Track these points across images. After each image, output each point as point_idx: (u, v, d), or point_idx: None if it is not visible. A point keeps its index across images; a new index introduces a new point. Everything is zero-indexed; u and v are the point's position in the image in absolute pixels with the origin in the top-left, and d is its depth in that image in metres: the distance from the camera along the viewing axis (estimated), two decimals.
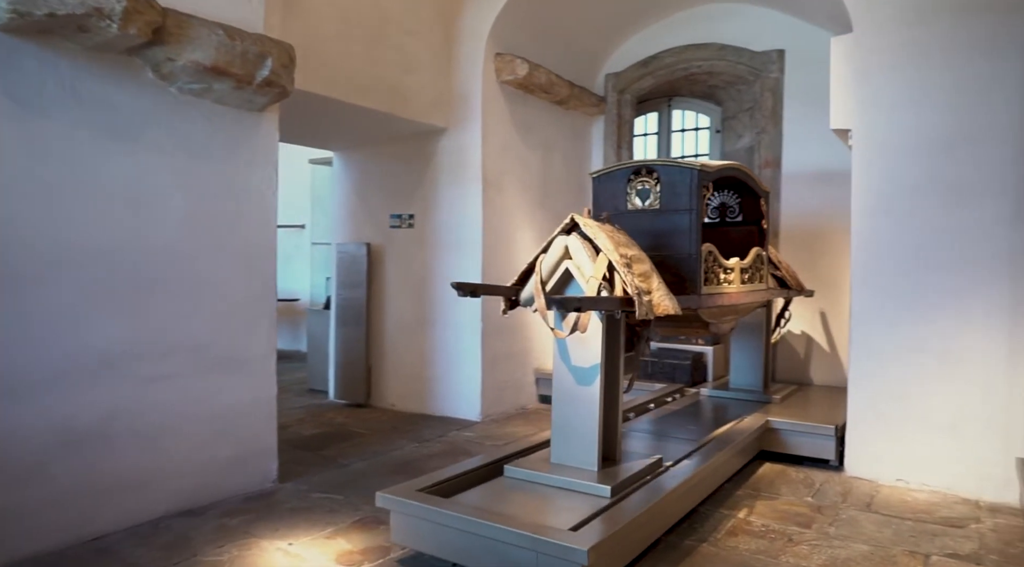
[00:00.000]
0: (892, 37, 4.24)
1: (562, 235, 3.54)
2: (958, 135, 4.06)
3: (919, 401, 4.23)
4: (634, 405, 5.20)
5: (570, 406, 3.57)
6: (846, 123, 4.42)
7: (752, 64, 6.56)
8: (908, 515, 3.83)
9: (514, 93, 6.22)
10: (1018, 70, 3.91)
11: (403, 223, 6.26)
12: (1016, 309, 3.95)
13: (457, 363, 6.00)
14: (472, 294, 3.48)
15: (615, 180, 4.27)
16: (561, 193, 6.95)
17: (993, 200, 3.98)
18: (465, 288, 3.43)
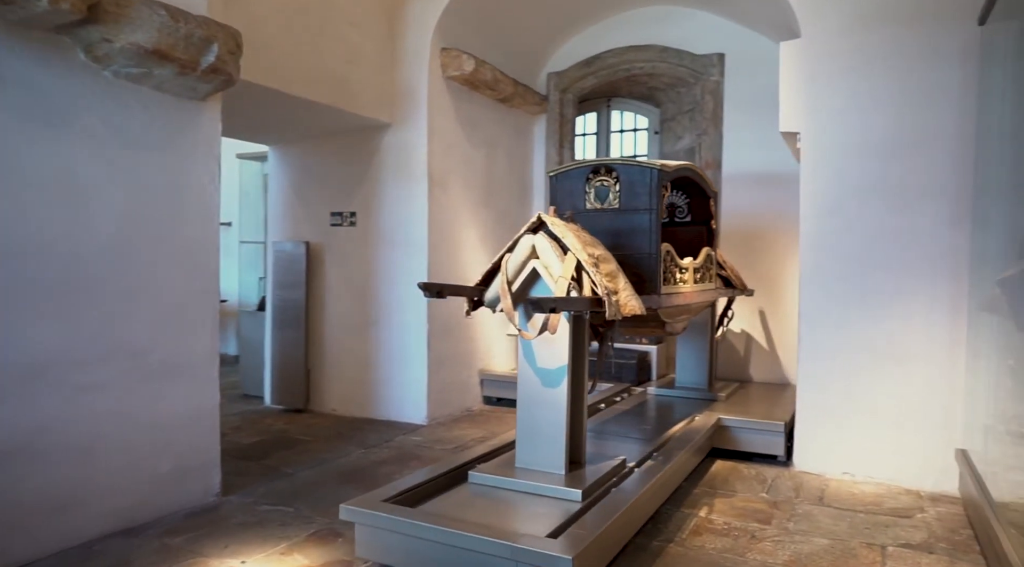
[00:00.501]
0: (839, 44, 4.37)
1: (528, 234, 3.46)
2: (902, 140, 4.22)
3: (865, 397, 4.38)
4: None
5: (536, 409, 3.50)
6: (795, 126, 4.53)
7: (693, 67, 6.67)
8: (859, 507, 3.95)
9: (459, 89, 6.09)
10: (956, 79, 4.10)
11: (344, 221, 6.03)
12: (955, 307, 4.14)
13: (402, 365, 5.83)
14: (438, 295, 3.35)
15: (573, 179, 4.22)
16: (504, 192, 6.88)
17: (934, 203, 4.16)
18: (432, 288, 3.30)
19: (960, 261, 4.10)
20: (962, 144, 4.08)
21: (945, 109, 4.11)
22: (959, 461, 4.00)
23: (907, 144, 4.21)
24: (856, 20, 4.32)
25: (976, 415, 4.00)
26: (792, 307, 6.23)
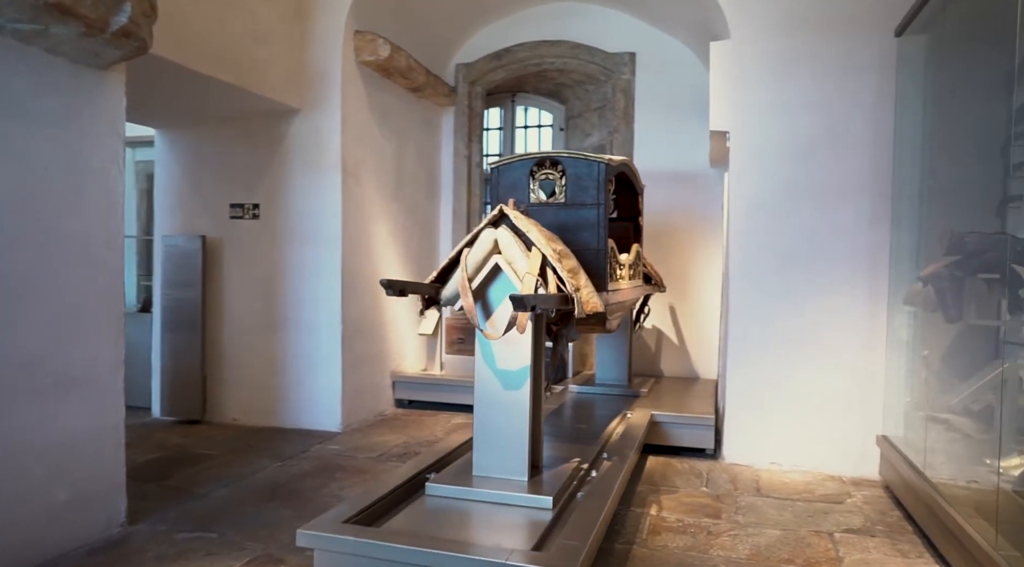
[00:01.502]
0: (767, 46, 4.51)
1: (489, 228, 3.26)
2: (826, 142, 4.42)
3: (790, 388, 4.55)
4: None
5: (495, 413, 3.30)
6: (725, 125, 4.63)
7: (605, 64, 6.71)
8: (795, 496, 4.09)
9: (372, 75, 5.75)
10: (872, 86, 4.34)
11: (246, 214, 5.52)
12: (873, 301, 4.38)
13: (313, 369, 5.42)
14: (401, 293, 3.07)
15: (516, 171, 4.05)
16: (414, 186, 6.59)
17: (854, 202, 4.39)
18: (395, 286, 3.02)
19: (880, 257, 4.34)
20: (881, 148, 4.33)
21: (865, 114, 4.34)
22: (881, 446, 4.24)
23: (831, 146, 4.41)
24: (782, 25, 4.47)
25: (895, 403, 4.25)
26: (701, 303, 6.43)
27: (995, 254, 3.47)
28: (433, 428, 5.57)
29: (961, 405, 3.38)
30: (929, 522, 3.30)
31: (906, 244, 4.24)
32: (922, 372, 4.12)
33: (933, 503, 3.17)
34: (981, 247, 3.55)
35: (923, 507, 3.37)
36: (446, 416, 5.99)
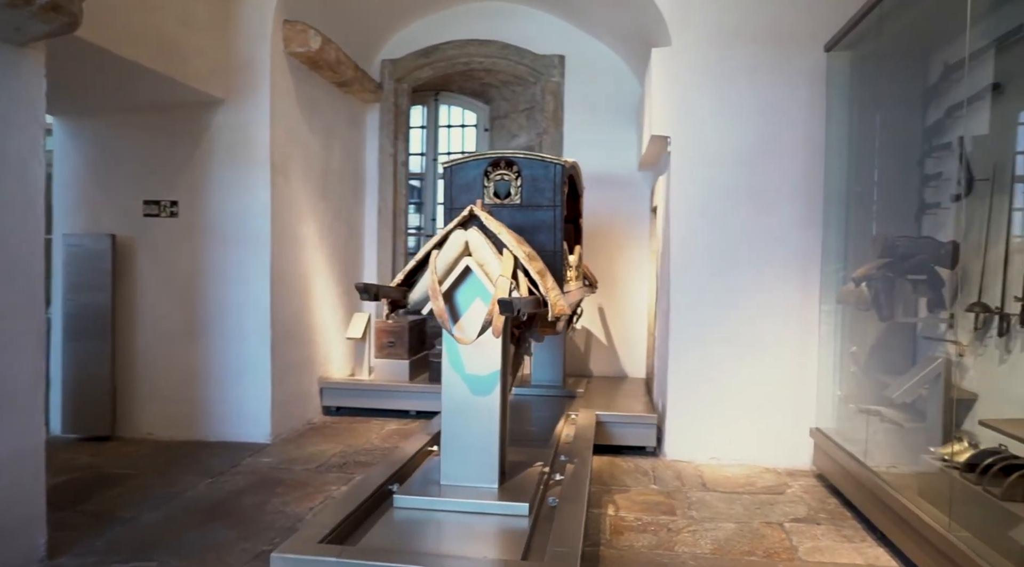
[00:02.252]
0: (707, 55, 4.65)
1: (459, 229, 3.17)
2: (762, 148, 4.61)
3: (728, 386, 4.71)
4: None
5: (465, 419, 3.22)
6: (666, 130, 4.73)
7: (534, 66, 6.72)
8: (739, 490, 4.23)
9: (299, 68, 5.48)
10: (804, 97, 4.57)
11: (163, 211, 5.11)
12: (804, 301, 4.61)
13: (239, 377, 5.09)
14: (375, 298, 2.93)
15: (470, 171, 3.98)
16: (340, 185, 6.35)
17: (789, 207, 4.60)
18: (370, 291, 2.88)
19: (811, 258, 4.58)
20: (813, 155, 4.56)
21: (798, 123, 4.56)
22: (815, 438, 4.46)
23: (767, 152, 4.60)
24: (722, 35, 4.62)
25: (827, 396, 4.49)
26: (628, 304, 6.57)
27: (923, 257, 3.72)
28: (367, 435, 5.37)
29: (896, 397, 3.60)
30: (872, 508, 3.50)
31: (836, 246, 4.49)
32: (851, 366, 4.38)
33: (879, 490, 3.36)
34: (910, 250, 3.80)
35: (866, 494, 3.57)
36: (378, 422, 5.80)
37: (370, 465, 4.60)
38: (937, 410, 3.41)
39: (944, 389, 3.39)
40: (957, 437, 3.11)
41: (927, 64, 4.23)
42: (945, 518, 2.85)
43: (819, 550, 3.36)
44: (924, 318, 4.00)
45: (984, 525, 2.62)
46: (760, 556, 3.29)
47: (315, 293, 5.82)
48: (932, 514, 2.93)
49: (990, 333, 3.53)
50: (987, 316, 3.51)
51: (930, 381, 3.41)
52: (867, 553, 3.34)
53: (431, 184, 7.74)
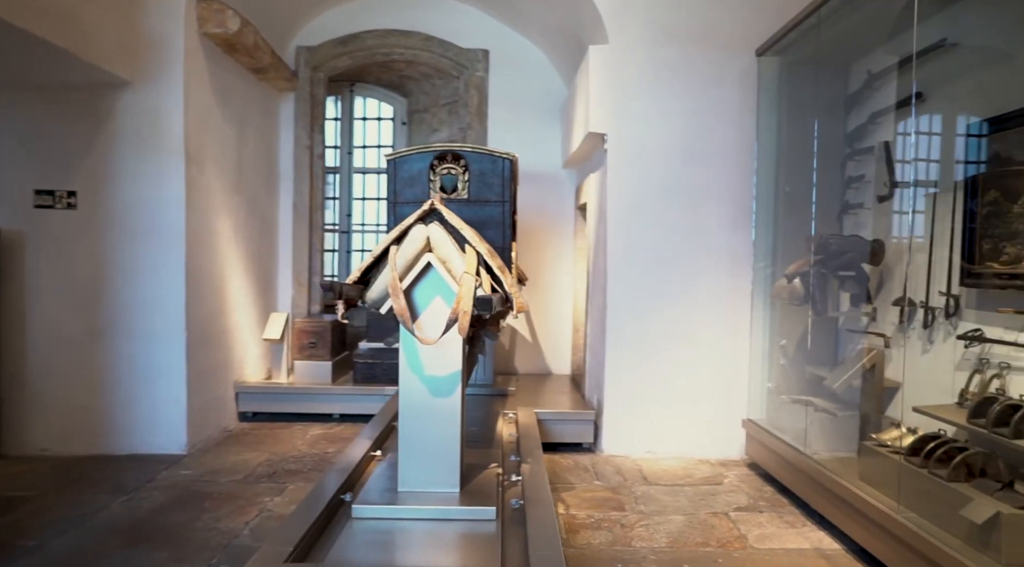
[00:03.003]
0: (644, 54, 4.71)
1: (419, 224, 3.03)
2: (695, 148, 4.73)
3: (663, 380, 4.81)
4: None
5: (424, 423, 3.09)
6: (603, 127, 4.75)
7: (458, 60, 6.60)
8: (679, 482, 4.32)
9: (214, 51, 5.10)
10: (736, 98, 4.72)
11: (59, 202, 4.61)
12: (733, 297, 4.77)
13: (151, 384, 4.68)
14: (339, 296, 2.74)
15: (415, 164, 3.83)
16: (255, 178, 5.98)
17: (719, 206, 4.75)
18: (335, 289, 2.68)
19: (743, 255, 4.75)
20: (744, 156, 4.73)
21: (730, 125, 4.71)
22: (747, 428, 4.63)
23: (700, 152, 4.72)
24: (658, 35, 4.70)
25: (758, 388, 4.67)
26: (552, 301, 6.60)
27: (852, 255, 3.93)
28: (292, 442, 5.09)
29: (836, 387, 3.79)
30: (812, 494, 3.66)
31: (766, 244, 4.68)
32: (780, 359, 4.58)
33: (821, 477, 3.52)
34: (841, 248, 4.01)
35: (805, 481, 3.73)
36: (300, 428, 5.51)
37: (301, 473, 4.36)
38: (872, 399, 3.61)
39: (878, 379, 3.60)
40: (895, 424, 3.30)
41: (850, 72, 4.48)
42: (893, 501, 3.01)
43: (767, 537, 3.48)
44: (852, 312, 4.23)
45: (932, 506, 2.78)
46: (715, 546, 3.36)
47: (230, 292, 5.45)
48: (877, 497, 3.08)
49: (913, 326, 3.78)
50: (911, 310, 3.75)
51: (866, 372, 3.61)
52: (810, 537, 3.48)
53: (346, 178, 7.47)
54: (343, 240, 7.48)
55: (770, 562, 3.20)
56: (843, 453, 3.78)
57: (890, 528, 2.90)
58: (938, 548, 2.59)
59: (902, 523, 2.82)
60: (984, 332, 3.18)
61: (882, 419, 3.62)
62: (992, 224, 3.11)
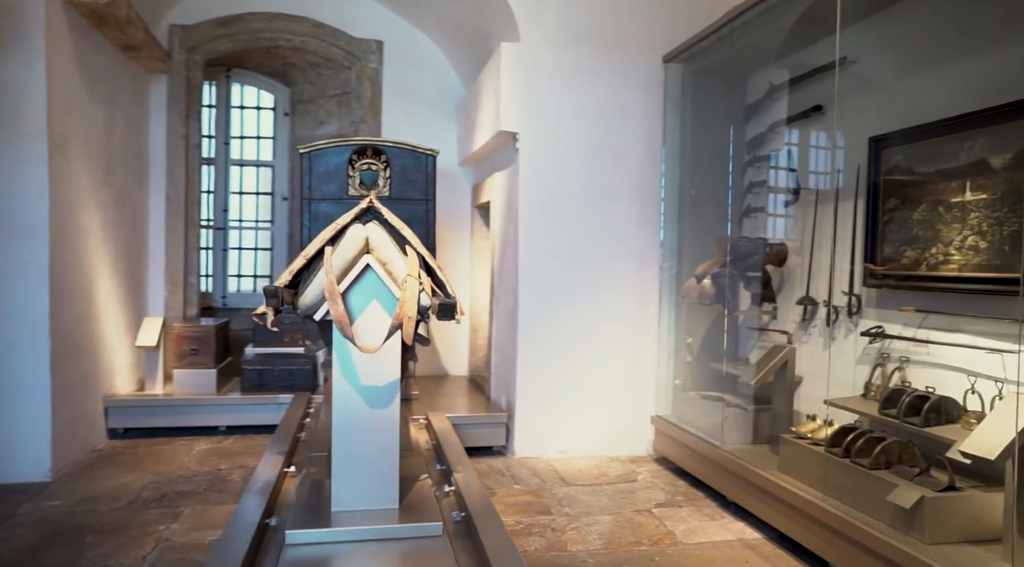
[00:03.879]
0: (555, 55, 4.70)
1: (356, 223, 2.82)
2: (604, 149, 4.78)
3: (573, 380, 4.83)
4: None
5: (360, 436, 2.88)
6: (514, 126, 4.70)
7: (350, 50, 6.30)
8: (597, 481, 4.36)
9: (80, 23, 4.52)
10: (643, 103, 4.83)
11: None
12: (642, 296, 4.89)
13: (7, 401, 4.07)
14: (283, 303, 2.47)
15: (332, 158, 3.60)
16: (124, 167, 5.37)
17: (628, 206, 4.84)
18: (278, 296, 2.41)
19: (650, 255, 4.87)
20: (651, 158, 4.84)
21: (632, 127, 4.81)
22: (656, 425, 4.75)
23: (609, 153, 4.79)
24: (568, 36, 4.71)
25: (666, 385, 4.81)
26: None
27: (759, 256, 4.14)
28: (177, 459, 4.62)
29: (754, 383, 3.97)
30: (729, 486, 3.81)
31: (673, 244, 4.83)
32: (687, 357, 4.74)
33: (741, 470, 3.67)
34: (748, 250, 4.21)
35: (722, 474, 3.88)
36: (183, 443, 5.02)
37: (196, 495, 3.97)
38: (784, 394, 3.81)
39: (790, 375, 3.80)
40: (811, 417, 3.50)
41: (752, 82, 4.70)
42: (815, 490, 3.18)
43: (693, 531, 3.57)
44: (758, 311, 4.44)
45: (855, 493, 2.96)
46: (648, 545, 3.40)
47: (99, 295, 4.86)
48: (799, 487, 3.25)
49: (814, 323, 4.04)
50: (813, 308, 4.01)
51: (779, 368, 3.80)
52: (732, 528, 3.62)
53: (223, 170, 6.92)
54: (219, 237, 6.92)
55: (702, 556, 3.28)
56: (756, 446, 3.97)
57: (816, 515, 3.06)
58: (866, 532, 2.76)
59: (829, 510, 2.99)
60: (885, 329, 3.45)
61: (792, 413, 3.83)
62: (893, 229, 3.38)
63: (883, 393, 3.25)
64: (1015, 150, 2.77)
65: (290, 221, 7.00)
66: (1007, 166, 2.81)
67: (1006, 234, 2.80)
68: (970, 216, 2.97)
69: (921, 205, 3.22)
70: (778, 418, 3.85)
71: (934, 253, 3.15)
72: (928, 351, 3.23)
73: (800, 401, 4.04)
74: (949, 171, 3.07)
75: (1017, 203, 2.76)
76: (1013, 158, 2.78)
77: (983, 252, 2.90)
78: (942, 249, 3.10)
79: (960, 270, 3.01)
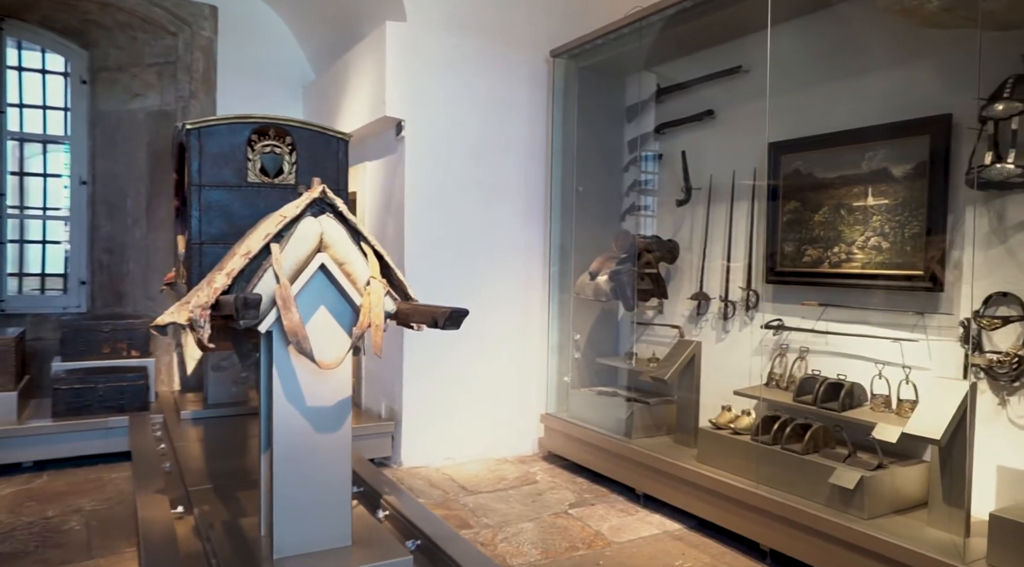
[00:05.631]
0: (440, 39, 4.44)
1: (308, 216, 2.39)
2: (490, 142, 4.63)
3: (460, 382, 4.63)
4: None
5: (307, 466, 2.45)
6: (401, 113, 4.36)
7: (178, 12, 5.45)
8: (499, 487, 4.21)
9: None
10: (529, 96, 4.74)
11: None
12: (527, 293, 4.82)
13: None
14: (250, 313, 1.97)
15: (227, 137, 3.04)
16: None
17: (513, 201, 4.73)
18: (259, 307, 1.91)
19: (538, 252, 4.81)
20: (539, 154, 4.77)
21: (516, 122, 4.71)
22: (546, 422, 4.71)
23: (493, 147, 4.64)
24: (456, 20, 4.47)
25: (555, 382, 4.79)
26: None
27: (659, 253, 4.27)
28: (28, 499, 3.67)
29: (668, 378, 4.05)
30: (642, 479, 3.87)
31: (561, 240, 4.80)
32: (575, 353, 4.76)
33: (657, 462, 3.74)
34: (643, 247, 4.31)
35: (632, 468, 3.93)
36: None
37: (27, 555, 3.17)
38: (691, 386, 3.95)
39: (697, 368, 3.95)
40: (726, 407, 3.67)
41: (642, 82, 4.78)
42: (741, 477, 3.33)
43: (618, 529, 3.58)
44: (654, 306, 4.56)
45: (789, 477, 3.14)
46: (584, 549, 3.33)
47: None
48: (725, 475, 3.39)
49: (706, 318, 4.25)
50: (706, 303, 4.21)
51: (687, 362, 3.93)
52: (651, 521, 3.69)
53: None
54: None
55: (640, 554, 3.29)
56: (660, 438, 4.09)
57: (748, 502, 3.21)
58: (807, 513, 2.94)
59: (764, 496, 3.14)
60: (784, 321, 3.71)
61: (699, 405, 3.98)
62: (794, 230, 3.64)
63: (797, 382, 3.48)
64: (915, 162, 3.11)
65: (91, 210, 5.88)
66: (907, 176, 3.15)
67: (907, 236, 3.14)
68: (872, 219, 3.29)
69: (823, 208, 3.51)
70: (684, 410, 3.99)
71: (836, 252, 3.44)
72: (827, 341, 3.53)
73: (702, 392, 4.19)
74: (851, 178, 3.38)
75: (918, 208, 3.10)
76: (913, 169, 3.12)
77: (886, 251, 3.23)
78: (845, 248, 3.40)
79: (863, 267, 3.32)
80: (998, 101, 2.73)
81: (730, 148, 4.08)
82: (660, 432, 4.17)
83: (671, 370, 3.86)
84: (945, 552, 2.55)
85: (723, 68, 4.06)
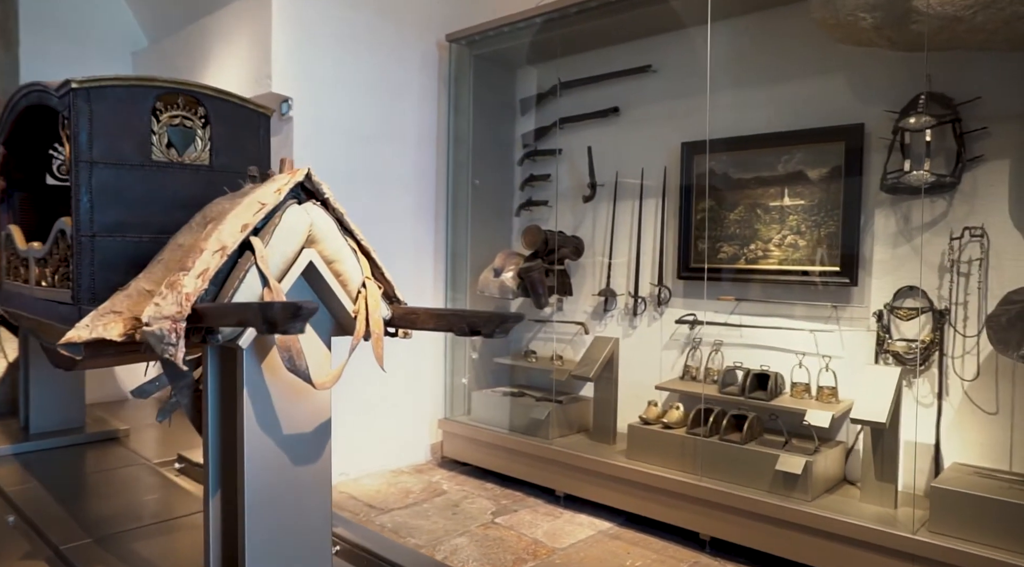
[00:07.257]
0: (330, 13, 3.99)
1: (292, 203, 1.97)
2: (382, 131, 4.26)
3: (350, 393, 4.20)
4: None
5: (283, 507, 2.04)
6: (288, 90, 3.84)
7: None
8: (409, 501, 3.91)
9: None
10: (417, 82, 4.43)
11: None
12: (419, 292, 4.53)
13: None
14: None
15: (127, 104, 2.44)
16: None
17: (405, 194, 4.41)
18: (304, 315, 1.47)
19: (431, 246, 4.52)
20: (434, 144, 4.48)
21: (408, 110, 4.38)
22: (444, 427, 4.46)
23: (385, 136, 4.28)
24: None
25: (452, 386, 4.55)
26: None
27: (565, 250, 4.23)
28: None
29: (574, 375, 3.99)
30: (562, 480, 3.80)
31: (460, 236, 4.54)
32: (472, 354, 4.57)
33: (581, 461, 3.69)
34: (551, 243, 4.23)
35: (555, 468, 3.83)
36: None
37: None
38: (609, 383, 3.94)
39: (615, 365, 3.95)
40: (651, 402, 3.70)
41: (541, 75, 4.66)
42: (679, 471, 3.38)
43: (555, 535, 3.47)
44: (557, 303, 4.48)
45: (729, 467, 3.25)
46: (530, 559, 3.19)
47: None
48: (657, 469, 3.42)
49: (611, 313, 4.29)
50: (612, 299, 4.25)
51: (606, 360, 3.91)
52: (581, 522, 3.63)
53: None
54: None
55: (588, 558, 3.21)
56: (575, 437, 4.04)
57: (689, 493, 3.27)
58: (751, 500, 3.06)
59: (706, 487, 3.21)
60: (697, 316, 3.85)
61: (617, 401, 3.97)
62: (708, 227, 3.78)
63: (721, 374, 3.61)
64: (831, 166, 3.36)
65: None
66: (823, 179, 3.39)
67: (824, 234, 3.39)
68: (789, 218, 3.50)
69: (739, 207, 3.67)
70: (602, 407, 3.98)
71: (753, 249, 3.63)
72: (741, 334, 3.72)
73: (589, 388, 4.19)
74: (767, 179, 3.57)
75: (833, 209, 3.36)
76: (828, 173, 3.37)
77: (802, 249, 3.46)
78: (761, 245, 3.59)
79: (780, 263, 3.53)
80: (911, 115, 3.03)
81: (638, 146, 4.14)
82: (573, 431, 4.13)
83: (594, 368, 3.83)
84: (887, 523, 2.78)
85: (631, 66, 4.10)
